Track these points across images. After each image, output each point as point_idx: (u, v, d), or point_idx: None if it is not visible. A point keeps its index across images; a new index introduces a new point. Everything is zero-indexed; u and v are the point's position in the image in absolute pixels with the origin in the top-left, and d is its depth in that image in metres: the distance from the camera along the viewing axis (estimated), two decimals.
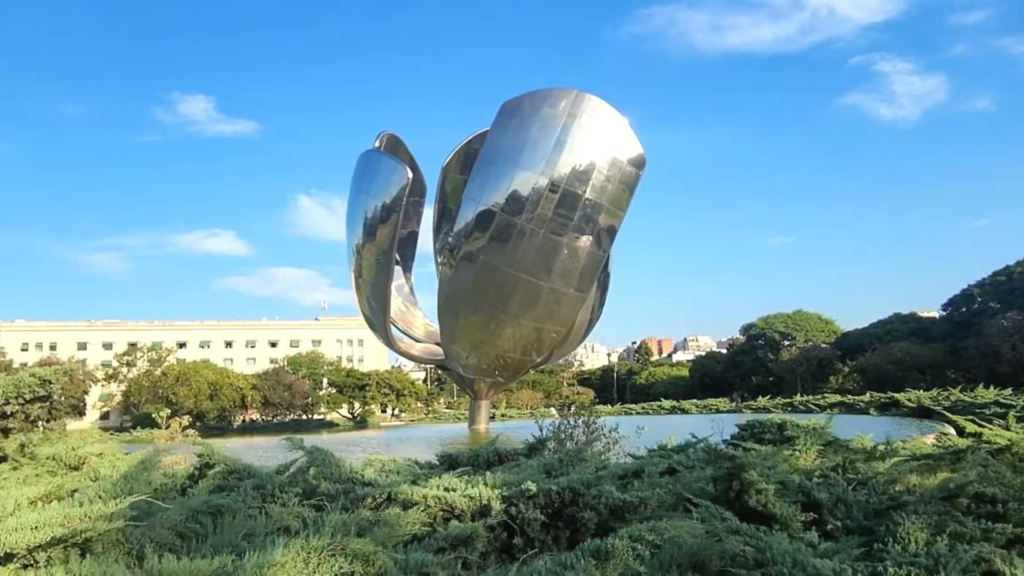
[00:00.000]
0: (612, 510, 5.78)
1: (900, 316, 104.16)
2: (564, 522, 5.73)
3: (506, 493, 5.68)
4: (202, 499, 5.28)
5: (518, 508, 5.53)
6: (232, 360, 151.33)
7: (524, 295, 25.27)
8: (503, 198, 24.67)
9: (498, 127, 25.13)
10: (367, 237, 27.35)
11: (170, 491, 6.73)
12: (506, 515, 5.50)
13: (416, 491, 5.55)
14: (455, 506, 5.50)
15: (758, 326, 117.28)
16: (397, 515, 5.10)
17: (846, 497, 6.74)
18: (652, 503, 6.02)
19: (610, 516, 5.72)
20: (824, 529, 6.21)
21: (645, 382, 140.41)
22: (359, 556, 3.81)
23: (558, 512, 5.72)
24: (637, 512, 5.77)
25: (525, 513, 5.49)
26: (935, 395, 41.20)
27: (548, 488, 5.67)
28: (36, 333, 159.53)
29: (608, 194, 24.50)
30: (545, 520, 5.57)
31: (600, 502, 5.80)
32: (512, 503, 5.61)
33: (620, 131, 24.94)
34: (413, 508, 5.30)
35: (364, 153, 28.12)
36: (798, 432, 12.40)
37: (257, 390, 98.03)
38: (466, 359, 28.32)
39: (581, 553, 4.29)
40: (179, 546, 4.31)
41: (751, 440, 12.52)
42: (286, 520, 4.96)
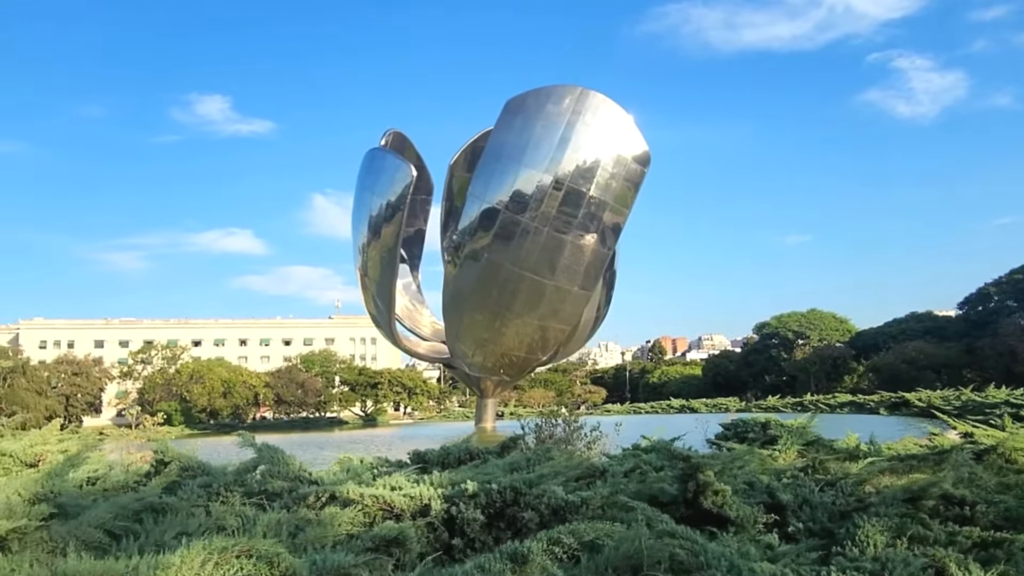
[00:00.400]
0: (555, 511, 5.70)
1: (916, 315, 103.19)
2: (506, 523, 5.67)
3: (448, 492, 5.63)
4: (133, 497, 5.26)
5: (458, 508, 5.48)
6: (246, 358, 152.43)
7: (528, 293, 25.20)
8: (507, 196, 24.61)
9: (502, 124, 25.07)
10: (372, 235, 27.40)
11: (122, 488, 6.73)
12: (447, 515, 5.46)
13: (354, 490, 5.51)
14: (394, 505, 5.46)
15: (772, 325, 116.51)
16: (333, 514, 5.07)
17: (812, 498, 6.62)
18: (595, 504, 5.94)
19: (552, 517, 5.65)
20: (786, 531, 6.12)
21: (658, 381, 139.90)
22: (264, 558, 3.77)
23: (500, 512, 5.66)
24: (579, 513, 5.70)
25: (465, 513, 5.44)
26: (946, 395, 40.72)
27: (488, 488, 5.62)
28: (54, 331, 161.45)
29: (613, 192, 24.38)
30: (485, 520, 5.52)
31: (542, 502, 5.73)
32: (453, 503, 5.56)
33: (625, 128, 24.80)
34: (350, 507, 5.27)
35: (369, 151, 28.18)
36: (781, 431, 12.27)
37: (270, 388, 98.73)
38: (471, 357, 28.30)
39: (498, 556, 4.23)
40: (108, 544, 4.30)
41: (734, 439, 12.41)
42: (226, 519, 4.95)
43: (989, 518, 6.33)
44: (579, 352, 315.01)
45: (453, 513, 5.50)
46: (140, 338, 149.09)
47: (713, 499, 5.94)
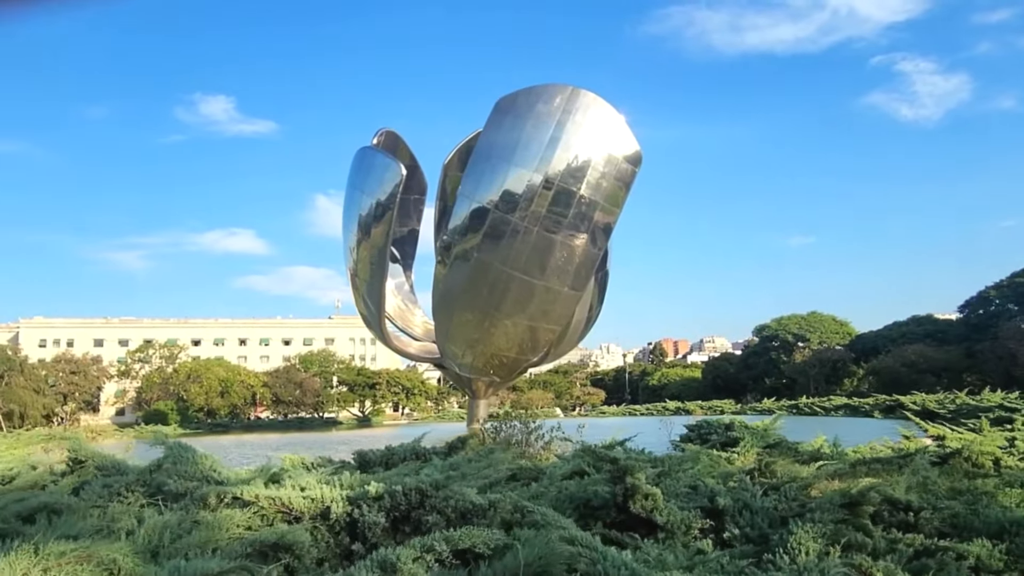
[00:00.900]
0: (462, 514, 5.48)
1: (916, 318, 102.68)
2: (412, 526, 5.45)
3: (352, 495, 5.41)
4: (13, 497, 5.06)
5: (360, 511, 5.26)
6: (246, 358, 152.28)
7: (518, 293, 24.99)
8: (497, 195, 24.40)
9: (493, 124, 24.87)
10: (362, 235, 27.21)
11: (32, 487, 6.53)
12: (349, 518, 5.24)
13: (249, 491, 5.30)
14: (293, 507, 5.24)
15: (771, 327, 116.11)
16: (226, 516, 4.87)
17: (753, 503, 6.39)
18: (505, 507, 5.71)
19: (459, 520, 5.43)
20: (722, 537, 5.90)
21: (658, 383, 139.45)
22: (103, 564, 3.57)
23: (405, 515, 5.44)
24: (486, 516, 5.47)
25: (366, 516, 5.22)
26: (941, 398, 40.44)
27: (393, 489, 5.39)
28: (54, 330, 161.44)
29: (603, 191, 24.16)
30: (388, 524, 5.30)
31: (448, 505, 5.50)
32: (357, 505, 5.34)
33: (616, 128, 24.60)
34: (246, 509, 5.06)
35: (360, 150, 27.98)
36: (743, 433, 12.02)
37: (268, 388, 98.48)
38: (462, 358, 28.09)
39: (369, 565, 4.01)
40: None
41: (697, 441, 12.17)
42: (121, 520, 4.75)
43: (934, 524, 6.10)
44: (580, 354, 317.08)
45: (356, 516, 5.28)
46: (140, 337, 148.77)
47: (643, 503, 5.72)
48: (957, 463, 9.31)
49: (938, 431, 13.36)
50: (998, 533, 6.02)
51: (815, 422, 21.76)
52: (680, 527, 5.56)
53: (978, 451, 9.68)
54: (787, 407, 52.73)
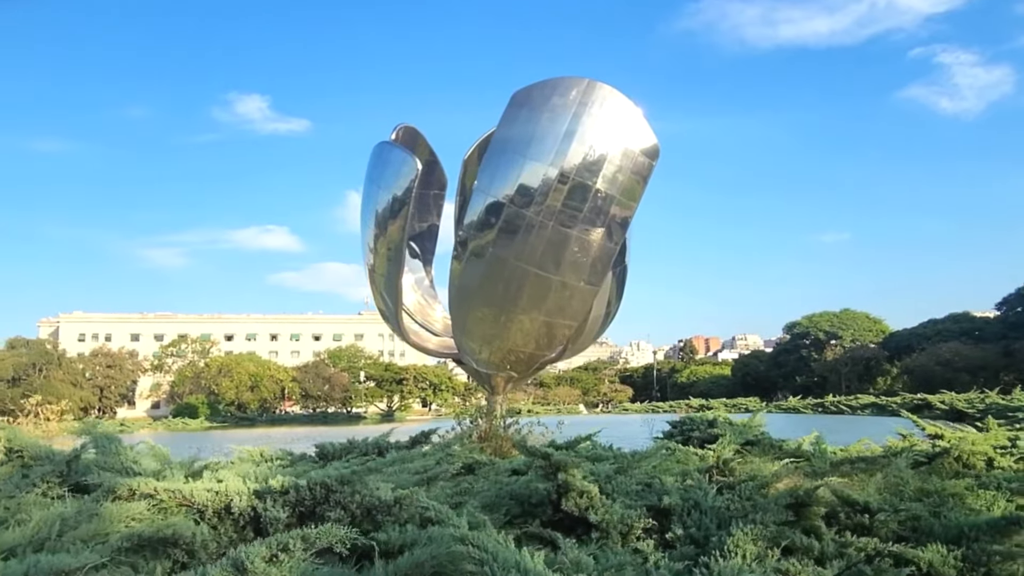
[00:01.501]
0: (368, 510, 5.32)
1: (952, 316, 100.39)
2: (317, 523, 5.30)
3: (259, 488, 5.28)
4: None
5: (264, 505, 5.13)
6: (277, 353, 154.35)
7: (533, 289, 24.79)
8: (512, 190, 24.20)
9: (508, 117, 24.66)
10: (379, 230, 27.23)
11: None
12: (253, 513, 5.12)
13: (147, 484, 5.20)
14: (195, 501, 5.13)
15: (802, 325, 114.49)
16: (124, 509, 4.78)
17: (704, 502, 6.13)
18: (415, 503, 5.53)
19: (365, 517, 5.27)
20: (664, 538, 5.67)
21: (686, 381, 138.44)
22: None
23: (311, 511, 5.30)
24: (392, 513, 5.30)
25: (269, 511, 5.09)
26: (971, 397, 39.37)
27: (296, 483, 5.26)
28: (92, 324, 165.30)
29: (620, 185, 23.85)
30: (294, 520, 5.16)
31: (353, 500, 5.34)
32: (262, 499, 5.21)
33: (633, 121, 24.24)
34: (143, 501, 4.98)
35: (377, 144, 27.96)
36: (725, 430, 11.71)
37: (297, 382, 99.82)
38: (479, 353, 27.98)
39: (225, 563, 3.88)
40: None
41: (679, 437, 11.88)
42: (22, 513, 4.70)
43: (891, 528, 5.82)
44: (610, 351, 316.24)
45: (260, 511, 5.17)
46: (174, 332, 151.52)
47: (576, 501, 5.52)
48: (946, 463, 8.95)
49: (935, 430, 12.91)
50: (957, 538, 5.74)
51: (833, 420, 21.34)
52: (617, 527, 5.37)
53: (969, 451, 9.29)
54: (813, 405, 51.82)
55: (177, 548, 4.46)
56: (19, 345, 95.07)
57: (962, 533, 5.73)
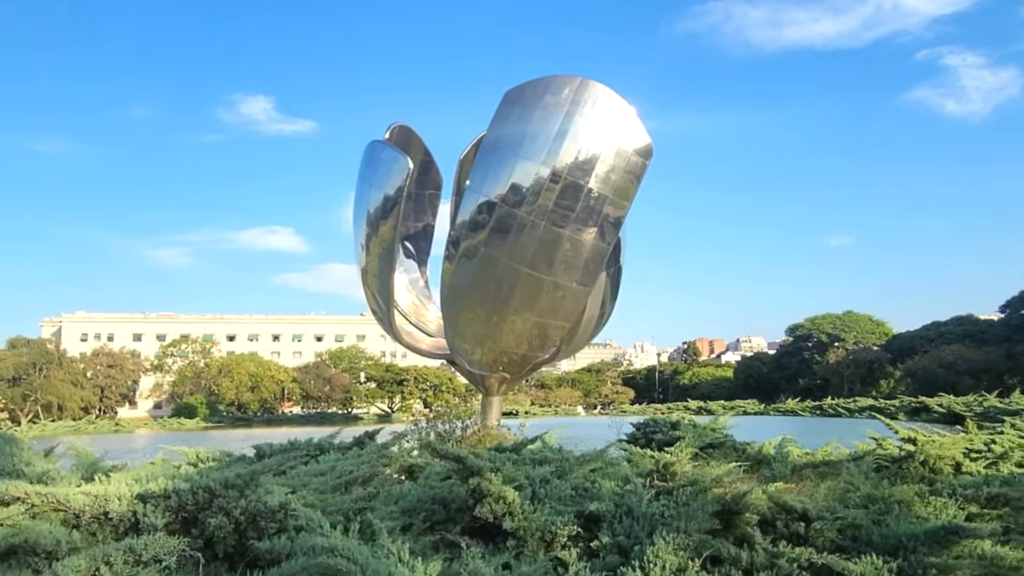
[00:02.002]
0: (252, 517, 5.05)
1: (956, 318, 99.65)
2: (200, 530, 5.04)
3: (143, 492, 5.03)
4: None
5: (144, 510, 4.87)
6: (279, 353, 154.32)
7: (525, 289, 24.53)
8: (504, 189, 23.97)
9: (500, 116, 24.44)
10: (371, 230, 27.03)
11: None
12: (133, 519, 4.87)
13: (17, 487, 4.94)
14: (70, 506, 4.88)
15: (805, 327, 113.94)
16: None
17: (637, 508, 5.85)
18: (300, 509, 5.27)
19: (249, 524, 5.00)
20: (589, 546, 5.40)
21: (689, 383, 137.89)
22: None
23: (194, 517, 5.03)
24: (276, 520, 5.04)
25: (148, 517, 4.83)
26: (969, 400, 38.99)
27: (178, 487, 5.00)
28: (94, 324, 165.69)
29: (612, 185, 23.57)
30: (177, 526, 4.91)
31: (238, 506, 5.07)
32: (147, 503, 4.96)
33: (626, 120, 23.98)
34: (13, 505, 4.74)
35: (369, 143, 27.77)
36: (687, 432, 11.41)
37: (297, 383, 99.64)
38: (471, 354, 27.75)
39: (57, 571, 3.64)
40: None
41: (642, 440, 11.60)
42: None
43: (828, 536, 5.54)
44: (614, 352, 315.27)
45: (139, 516, 4.92)
46: (177, 332, 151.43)
47: (491, 506, 5.26)
48: (911, 468, 8.67)
49: (908, 433, 12.59)
50: (895, 549, 5.46)
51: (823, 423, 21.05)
52: (535, 534, 5.10)
53: (936, 455, 8.99)
54: (811, 408, 51.39)
55: (36, 556, 4.22)
56: (20, 345, 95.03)
57: (900, 543, 5.45)
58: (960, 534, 5.46)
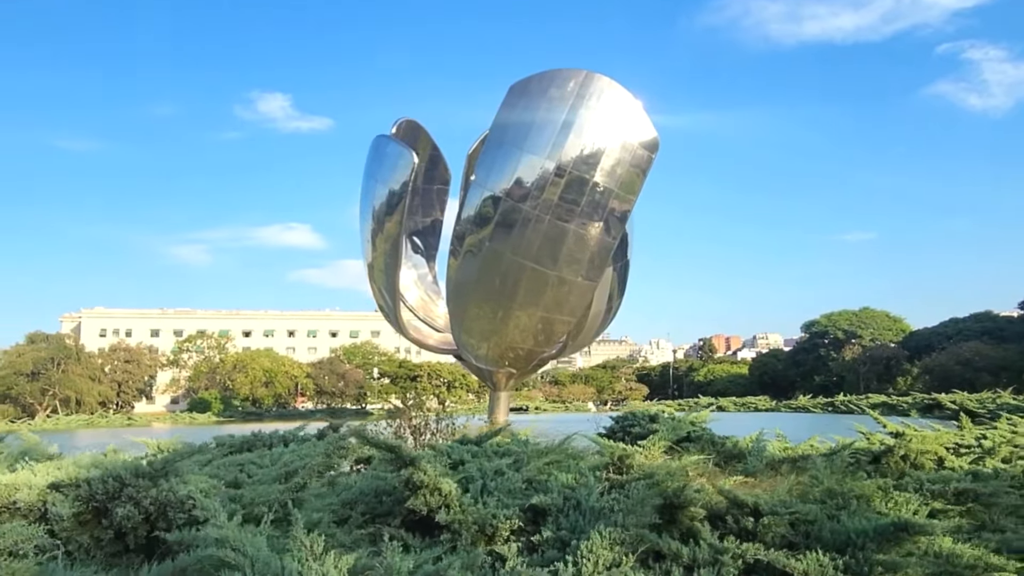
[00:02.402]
0: (163, 507, 4.95)
1: (975, 315, 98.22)
2: (110, 520, 4.95)
3: (55, 481, 4.96)
4: None
5: (53, 499, 4.80)
6: (294, 349, 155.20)
7: (531, 284, 24.46)
8: (509, 183, 23.91)
9: (505, 109, 24.33)
10: (376, 225, 27.05)
11: None
12: (44, 508, 4.80)
13: None
14: None
15: (821, 323, 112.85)
16: None
17: (586, 501, 5.69)
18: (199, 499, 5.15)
19: (159, 514, 4.90)
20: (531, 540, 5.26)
21: (703, 380, 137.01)
22: None
23: (104, 507, 4.93)
24: (185, 511, 4.93)
25: (55, 507, 4.76)
26: (982, 397, 38.41)
27: (90, 476, 4.92)
28: (113, 320, 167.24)
29: (618, 178, 23.42)
30: (88, 517, 4.82)
31: (148, 496, 4.96)
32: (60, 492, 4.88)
33: (632, 113, 23.81)
34: None
35: (375, 138, 27.77)
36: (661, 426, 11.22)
37: (311, 378, 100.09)
38: (477, 349, 27.72)
39: None
40: None
41: (620, 433, 11.44)
42: None
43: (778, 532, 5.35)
44: (629, 349, 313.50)
45: (48, 507, 4.85)
46: (194, 328, 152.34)
47: (426, 499, 5.13)
48: (891, 462, 8.45)
49: (896, 428, 12.33)
50: (844, 545, 5.27)
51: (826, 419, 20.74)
52: (471, 528, 4.96)
53: (917, 450, 8.76)
54: (823, 405, 50.89)
55: None
56: (39, 340, 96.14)
57: (850, 539, 5.27)
58: (910, 530, 5.27)
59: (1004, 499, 7.11)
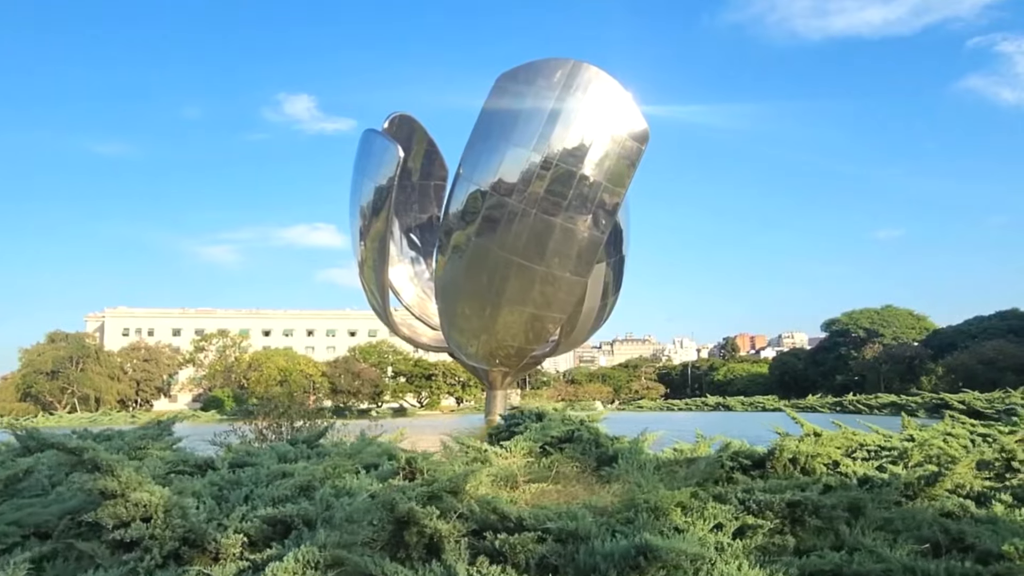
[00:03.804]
0: None
1: (1000, 312, 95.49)
2: None
3: None
4: None
5: None
6: (313, 348, 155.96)
7: (518, 280, 23.86)
8: (495, 176, 23.34)
9: (492, 101, 23.73)
10: (364, 221, 26.61)
11: None
12: None
13: None
14: None
15: (841, 322, 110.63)
16: None
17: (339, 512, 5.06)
18: None
19: None
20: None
21: (723, 379, 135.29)
22: None
23: None
24: None
25: None
26: (992, 397, 37.18)
27: None
28: (135, 319, 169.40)
29: (606, 171, 22.73)
30: None
31: None
32: None
33: (621, 104, 23.09)
34: None
35: (364, 132, 27.32)
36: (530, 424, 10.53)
37: (326, 377, 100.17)
38: (467, 348, 27.19)
39: None
40: None
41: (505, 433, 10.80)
42: None
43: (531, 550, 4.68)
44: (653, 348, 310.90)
45: None
46: (214, 327, 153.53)
47: (118, 511, 4.55)
48: (777, 466, 7.71)
49: (814, 428, 11.51)
50: (590, 571, 4.59)
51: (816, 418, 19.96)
52: (167, 544, 4.36)
53: (807, 453, 7.98)
54: (830, 404, 49.71)
55: None
56: (58, 339, 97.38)
57: (596, 566, 4.59)
58: (650, 556, 4.54)
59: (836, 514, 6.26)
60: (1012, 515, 7.69)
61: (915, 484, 8.01)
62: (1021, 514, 7.82)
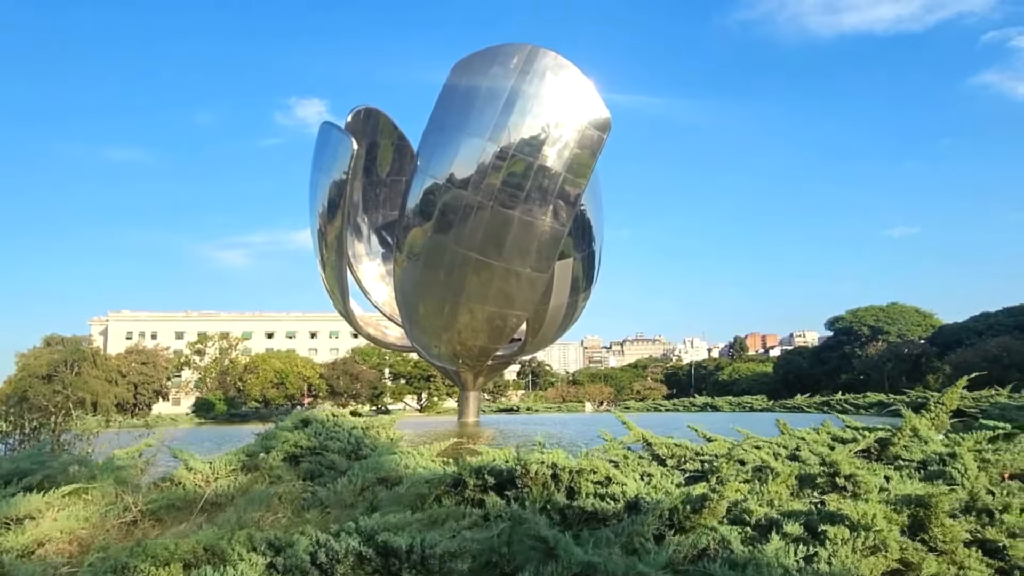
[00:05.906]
0: None
1: (1007, 309, 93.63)
2: None
3: None
4: None
5: None
6: (316, 350, 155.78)
7: (476, 276, 22.85)
8: (450, 169, 22.34)
9: (447, 90, 22.73)
10: (322, 219, 25.65)
11: None
12: None
13: None
14: None
15: (845, 319, 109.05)
16: None
17: None
18: None
19: None
20: None
21: (728, 379, 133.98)
22: None
23: None
24: None
25: None
26: (977, 396, 36.08)
27: None
28: (139, 323, 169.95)
29: (565, 161, 21.65)
30: None
31: None
32: None
33: (581, 91, 22.01)
34: None
35: (322, 125, 26.31)
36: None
37: (324, 379, 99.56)
38: (431, 348, 26.21)
39: None
40: None
41: None
42: None
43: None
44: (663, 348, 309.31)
45: None
46: (217, 330, 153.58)
47: None
48: (534, 484, 6.64)
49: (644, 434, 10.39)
50: None
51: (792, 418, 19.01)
52: None
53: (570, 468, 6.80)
54: (817, 404, 48.60)
55: None
56: (55, 343, 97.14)
57: None
58: None
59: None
60: (785, 556, 6.27)
61: (679, 510, 6.73)
62: (799, 555, 6.42)
